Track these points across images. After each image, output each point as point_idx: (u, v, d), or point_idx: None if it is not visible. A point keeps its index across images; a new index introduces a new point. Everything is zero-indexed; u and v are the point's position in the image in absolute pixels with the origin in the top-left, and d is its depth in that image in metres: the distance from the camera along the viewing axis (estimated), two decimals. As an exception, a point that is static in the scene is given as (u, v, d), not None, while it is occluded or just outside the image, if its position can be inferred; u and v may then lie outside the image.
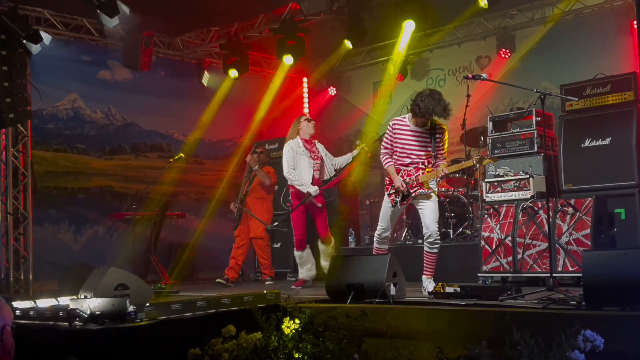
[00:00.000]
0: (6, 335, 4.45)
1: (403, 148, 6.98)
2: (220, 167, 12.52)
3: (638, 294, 4.68)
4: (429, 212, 6.92)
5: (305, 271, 8.77)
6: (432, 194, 6.95)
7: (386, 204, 7.13)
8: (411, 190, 6.90)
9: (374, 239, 7.36)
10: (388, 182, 7.12)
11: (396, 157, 7.02)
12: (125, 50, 11.41)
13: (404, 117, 7.06)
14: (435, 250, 6.97)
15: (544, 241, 7.01)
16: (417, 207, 7.09)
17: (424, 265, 7.04)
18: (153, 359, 5.09)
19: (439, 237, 6.99)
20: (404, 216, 9.58)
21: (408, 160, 6.96)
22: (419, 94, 6.89)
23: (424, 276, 7.02)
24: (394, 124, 7.07)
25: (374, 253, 7.28)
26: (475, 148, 9.77)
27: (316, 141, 8.73)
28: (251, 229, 9.84)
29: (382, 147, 7.14)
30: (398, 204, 7.02)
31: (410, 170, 6.92)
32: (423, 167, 6.88)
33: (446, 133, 7.04)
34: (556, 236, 7.00)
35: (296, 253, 8.77)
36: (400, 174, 6.94)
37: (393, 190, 7.02)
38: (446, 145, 7.06)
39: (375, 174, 12.49)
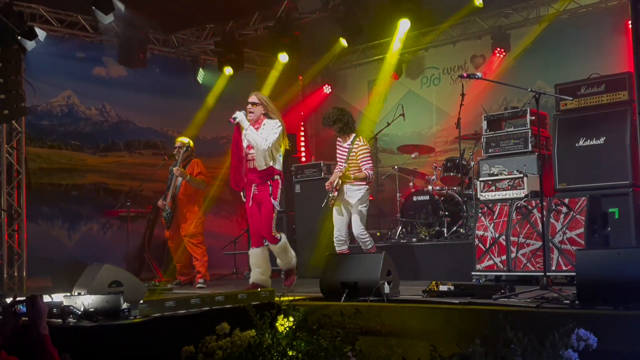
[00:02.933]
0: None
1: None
2: (215, 165, 12.47)
3: (631, 293, 4.70)
4: (353, 219, 8.04)
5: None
6: (356, 196, 7.97)
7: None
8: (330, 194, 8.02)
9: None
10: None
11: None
12: (120, 47, 11.40)
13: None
14: (369, 246, 7.95)
15: (538, 240, 7.03)
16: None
17: None
18: (147, 356, 5.08)
19: (365, 235, 8.01)
20: (399, 214, 9.60)
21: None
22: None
23: None
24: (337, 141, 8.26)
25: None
26: (469, 146, 9.78)
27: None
28: (183, 229, 9.41)
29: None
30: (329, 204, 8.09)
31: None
32: (339, 174, 7.97)
33: (361, 147, 7.99)
34: (550, 235, 7.01)
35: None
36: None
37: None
38: (359, 156, 7.96)
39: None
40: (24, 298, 4.13)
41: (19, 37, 9.19)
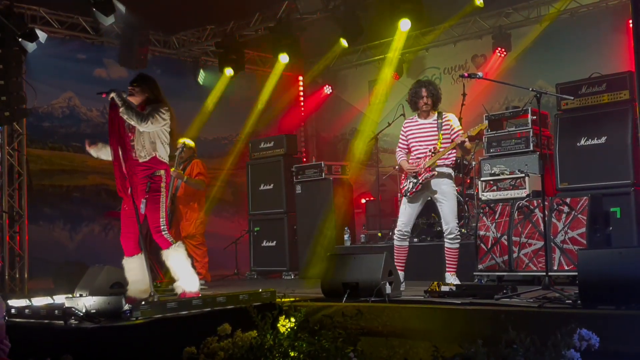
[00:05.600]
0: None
1: (414, 142, 7.18)
2: (216, 166, 12.51)
3: (633, 292, 4.69)
4: (447, 207, 7.07)
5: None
6: (447, 183, 7.06)
7: (403, 199, 7.26)
8: (419, 177, 7.04)
9: (394, 237, 7.36)
10: (403, 177, 7.30)
11: (411, 153, 7.21)
12: (121, 49, 11.40)
13: (414, 116, 7.31)
14: (456, 246, 7.08)
15: (540, 240, 7.02)
16: (437, 203, 7.19)
17: (446, 261, 7.13)
18: (149, 357, 5.09)
19: (459, 232, 7.12)
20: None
21: (419, 153, 7.14)
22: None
23: (447, 273, 7.05)
24: (405, 123, 7.35)
25: (394, 251, 7.22)
26: (470, 145, 9.75)
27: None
28: (183, 229, 9.37)
29: (397, 147, 7.35)
30: (408, 193, 7.12)
31: (420, 161, 7.10)
32: (430, 154, 7.05)
33: (452, 121, 7.15)
34: (552, 235, 7.00)
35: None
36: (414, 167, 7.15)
37: (406, 182, 7.18)
38: (455, 130, 7.10)
39: (371, 172, 12.50)
40: None
41: (20, 39, 9.20)
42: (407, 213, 7.19)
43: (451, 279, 6.96)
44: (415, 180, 7.05)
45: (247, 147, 11.81)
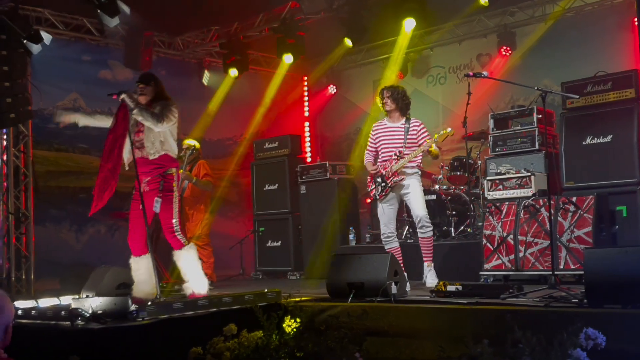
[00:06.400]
0: (8, 333, 4.46)
1: (382, 145, 7.40)
2: (220, 166, 12.51)
3: (640, 291, 4.68)
4: (414, 199, 7.28)
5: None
6: (412, 178, 7.26)
7: (377, 203, 7.46)
8: (387, 181, 7.24)
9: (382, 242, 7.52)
10: (369, 180, 7.48)
11: (379, 156, 7.44)
12: (125, 50, 11.42)
13: (383, 120, 7.53)
14: (429, 234, 7.28)
15: (546, 239, 7.01)
16: (404, 198, 7.39)
17: (422, 252, 7.32)
18: (155, 357, 5.10)
19: (428, 221, 7.28)
20: (405, 214, 9.57)
21: (385, 156, 7.34)
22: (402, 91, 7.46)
23: (424, 264, 7.15)
24: (374, 126, 7.58)
25: None
26: (476, 144, 9.75)
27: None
28: (189, 230, 9.45)
29: (366, 149, 7.60)
30: (377, 196, 7.33)
31: (386, 164, 7.29)
32: (396, 157, 7.22)
33: (419, 126, 7.37)
34: (558, 234, 6.99)
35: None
36: (378, 169, 7.36)
37: (373, 186, 7.37)
38: (423, 137, 7.32)
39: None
40: None
41: (25, 41, 9.22)
42: (384, 215, 7.37)
43: (428, 270, 7.17)
44: (383, 184, 7.25)
45: (252, 147, 11.82)
